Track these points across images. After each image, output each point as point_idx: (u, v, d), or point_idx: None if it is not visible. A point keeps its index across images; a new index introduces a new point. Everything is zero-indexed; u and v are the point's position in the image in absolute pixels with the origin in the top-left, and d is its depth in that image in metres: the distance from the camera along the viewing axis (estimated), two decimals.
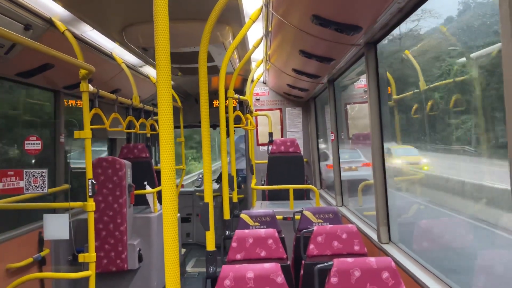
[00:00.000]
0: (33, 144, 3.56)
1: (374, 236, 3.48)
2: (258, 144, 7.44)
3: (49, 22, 3.39)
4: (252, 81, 6.16)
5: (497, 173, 2.56)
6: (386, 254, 3.09)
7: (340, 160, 5.36)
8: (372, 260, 2.27)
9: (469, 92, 2.84)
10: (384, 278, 2.21)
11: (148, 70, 5.96)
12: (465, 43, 2.96)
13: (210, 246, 2.73)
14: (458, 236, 3.02)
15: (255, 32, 4.30)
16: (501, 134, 2.42)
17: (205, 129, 2.65)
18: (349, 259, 2.29)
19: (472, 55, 2.71)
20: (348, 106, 5.82)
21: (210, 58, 4.63)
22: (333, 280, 2.23)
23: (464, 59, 2.96)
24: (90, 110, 3.58)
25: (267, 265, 2.33)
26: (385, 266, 2.23)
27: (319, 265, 2.40)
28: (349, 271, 2.24)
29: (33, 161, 4.72)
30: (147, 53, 4.67)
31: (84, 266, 3.47)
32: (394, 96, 3.71)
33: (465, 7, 3.02)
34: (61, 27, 3.44)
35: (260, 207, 5.38)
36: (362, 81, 5.11)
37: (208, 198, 2.61)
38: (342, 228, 3.07)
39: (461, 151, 3.01)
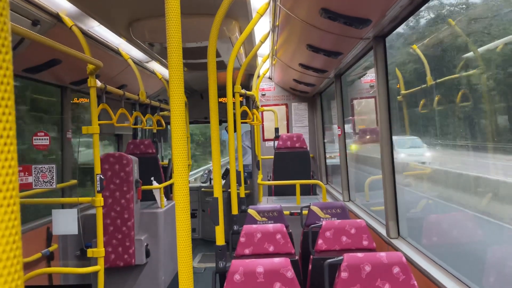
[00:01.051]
0: (41, 140, 3.57)
1: (382, 231, 3.47)
2: (264, 140, 7.43)
3: (57, 17, 3.38)
4: (258, 76, 6.14)
5: None
6: (395, 249, 3.08)
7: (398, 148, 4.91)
8: (382, 255, 2.26)
9: None
10: (395, 273, 2.20)
11: (154, 66, 5.96)
12: None
13: (220, 240, 2.73)
14: None
15: (262, 27, 4.28)
16: None
17: (214, 124, 2.64)
18: (360, 254, 2.28)
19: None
20: (354, 101, 5.80)
21: (217, 54, 4.61)
22: (343, 275, 2.22)
23: None
24: (98, 105, 3.58)
25: (276, 260, 2.33)
26: (396, 261, 2.22)
27: (329, 260, 2.39)
28: (360, 266, 2.23)
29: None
30: (153, 49, 4.67)
31: (92, 261, 3.48)
32: (403, 91, 3.67)
33: None
34: (69, 22, 3.43)
35: (266, 203, 5.37)
36: (369, 76, 5.08)
37: (218, 193, 2.61)
38: (350, 223, 3.06)
39: None
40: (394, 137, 3.17)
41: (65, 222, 3.37)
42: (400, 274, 2.20)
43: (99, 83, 3.50)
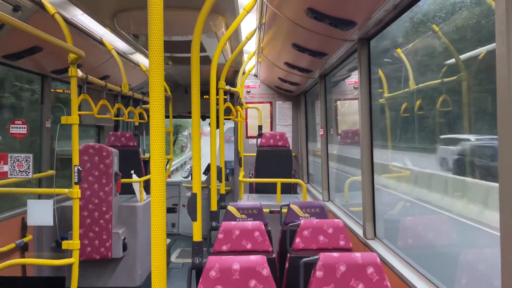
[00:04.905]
0: (19, 128, 3.50)
1: (359, 231, 3.51)
2: (248, 137, 7.43)
3: (39, 4, 3.31)
4: (244, 73, 6.13)
5: None
6: (371, 249, 3.12)
7: None
8: (357, 255, 2.28)
9: None
10: (369, 273, 2.23)
11: (139, 58, 5.89)
12: None
13: (197, 236, 2.72)
14: None
15: (248, 24, 4.27)
16: None
17: (196, 119, 2.62)
18: (335, 254, 2.30)
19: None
20: (338, 102, 5.83)
21: (202, 48, 4.58)
22: (318, 274, 2.24)
23: None
24: (78, 96, 3.52)
25: (253, 257, 2.33)
26: (370, 262, 2.25)
27: (305, 259, 2.40)
28: (335, 265, 2.25)
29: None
30: (138, 40, 4.60)
31: (67, 253, 3.43)
32: (386, 95, 3.71)
33: None
34: (51, 9, 3.36)
35: (247, 200, 5.38)
36: (353, 78, 5.12)
37: (197, 189, 2.60)
38: (328, 222, 3.09)
39: None
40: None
41: (41, 213, 3.31)
42: (374, 274, 2.22)
43: (80, 73, 3.43)
